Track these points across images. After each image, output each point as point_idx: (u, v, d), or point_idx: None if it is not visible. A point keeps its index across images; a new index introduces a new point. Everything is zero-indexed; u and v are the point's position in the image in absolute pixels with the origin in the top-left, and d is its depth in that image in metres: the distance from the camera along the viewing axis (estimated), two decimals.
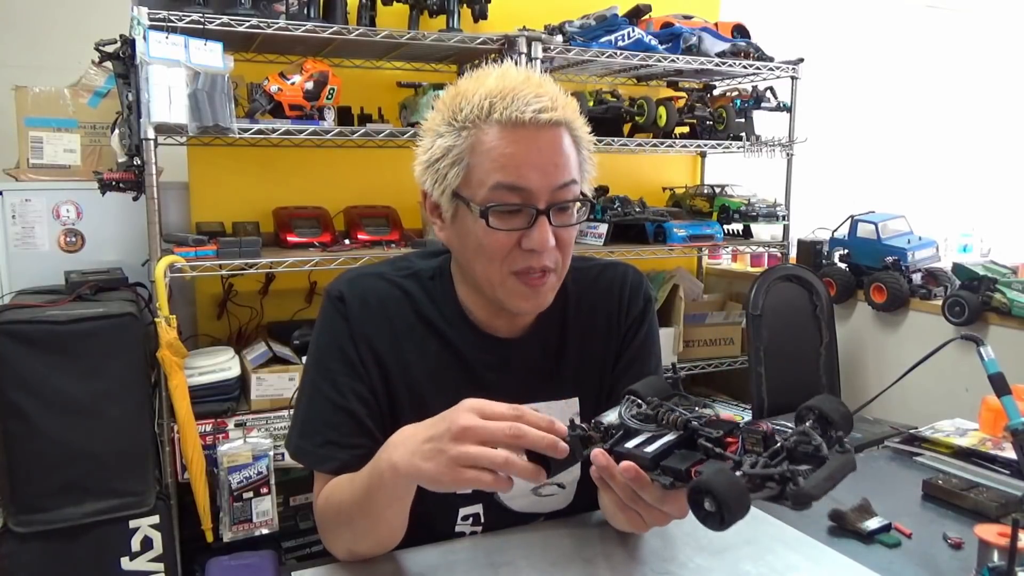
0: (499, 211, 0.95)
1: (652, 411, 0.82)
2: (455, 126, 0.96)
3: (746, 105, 2.85)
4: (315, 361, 1.06)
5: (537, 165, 0.94)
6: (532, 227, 0.95)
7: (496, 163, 0.94)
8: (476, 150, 0.95)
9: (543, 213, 0.95)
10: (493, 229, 0.95)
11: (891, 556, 1.06)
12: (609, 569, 0.99)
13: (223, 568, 1.04)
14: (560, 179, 0.95)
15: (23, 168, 2.32)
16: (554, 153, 0.95)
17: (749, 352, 2.47)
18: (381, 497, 0.89)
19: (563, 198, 0.96)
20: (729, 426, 0.77)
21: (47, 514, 1.83)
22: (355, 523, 0.96)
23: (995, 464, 1.32)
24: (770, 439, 0.73)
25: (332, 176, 2.61)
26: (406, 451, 0.83)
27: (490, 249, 0.97)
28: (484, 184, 0.94)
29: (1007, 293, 2.29)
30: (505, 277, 0.99)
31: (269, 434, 2.05)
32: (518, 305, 1.01)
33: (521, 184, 0.94)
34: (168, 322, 1.93)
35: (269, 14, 2.07)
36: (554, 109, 0.94)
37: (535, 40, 2.33)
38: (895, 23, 4.48)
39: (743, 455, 0.73)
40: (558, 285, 1.04)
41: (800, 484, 0.68)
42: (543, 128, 0.94)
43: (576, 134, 0.99)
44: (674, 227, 2.68)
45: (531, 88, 0.95)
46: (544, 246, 0.95)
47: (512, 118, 0.93)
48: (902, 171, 4.49)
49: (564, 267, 1.02)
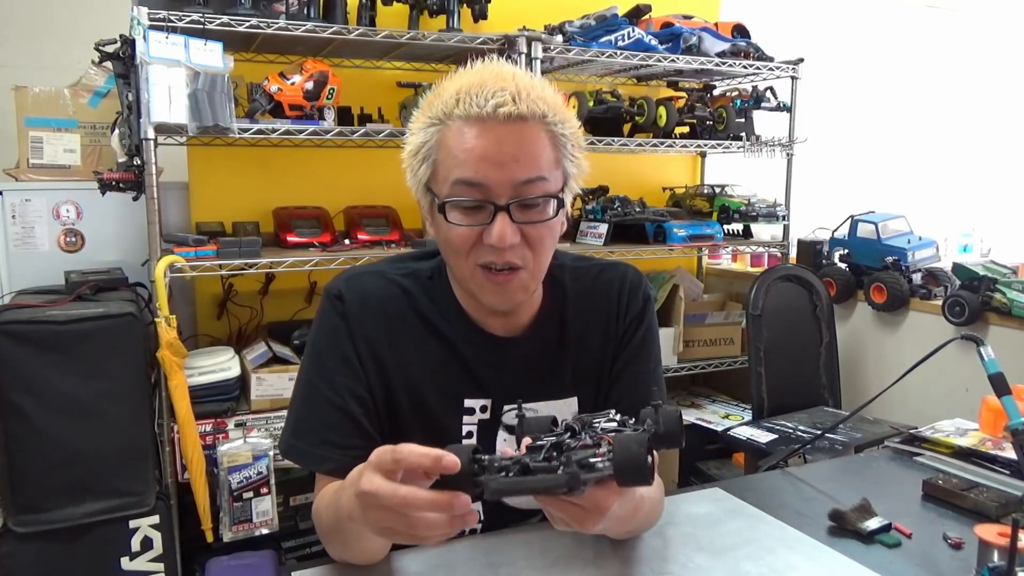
0: (459, 206, 0.95)
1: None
2: (426, 123, 0.98)
3: (746, 105, 2.85)
4: (312, 360, 1.06)
5: (495, 160, 0.92)
6: (491, 223, 0.94)
7: (456, 159, 0.94)
8: (441, 145, 0.96)
9: (502, 209, 0.93)
10: (453, 224, 0.95)
11: (891, 556, 1.06)
12: (609, 569, 0.99)
13: (223, 568, 1.04)
14: (522, 175, 0.93)
15: (23, 168, 2.32)
16: (516, 148, 0.93)
17: (749, 352, 2.47)
18: (351, 530, 0.88)
19: (526, 194, 0.94)
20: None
21: (47, 514, 1.83)
22: (335, 542, 0.97)
23: (995, 464, 1.32)
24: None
25: (332, 176, 2.61)
26: (359, 512, 0.80)
27: (455, 243, 0.97)
28: (447, 180, 0.95)
29: (1007, 293, 2.29)
30: (473, 270, 0.98)
31: (269, 434, 2.05)
32: (488, 300, 1.00)
33: (478, 180, 0.93)
34: (168, 322, 1.93)
35: (269, 14, 2.07)
36: (517, 103, 0.92)
37: (535, 40, 2.33)
38: (895, 23, 4.48)
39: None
40: (533, 284, 1.01)
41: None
42: (505, 123, 0.92)
43: (553, 130, 0.96)
44: (674, 227, 2.68)
45: (499, 82, 0.94)
46: (502, 242, 0.93)
47: (472, 113, 0.93)
48: (902, 171, 4.49)
49: (537, 265, 0.99)
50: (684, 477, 2.72)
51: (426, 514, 0.73)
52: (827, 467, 1.51)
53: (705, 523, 1.13)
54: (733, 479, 1.41)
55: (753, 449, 2.19)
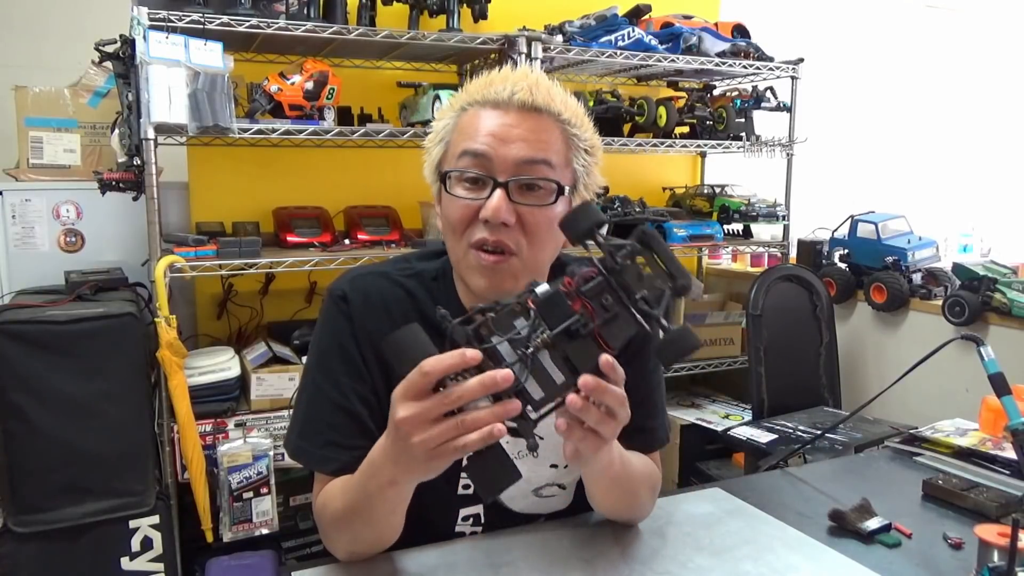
0: (459, 177, 0.97)
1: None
2: (448, 112, 1.02)
3: (746, 105, 2.85)
4: (316, 361, 1.06)
5: (502, 136, 0.95)
6: (489, 197, 0.95)
7: (466, 135, 0.97)
8: (457, 127, 1.00)
9: (501, 185, 0.95)
10: (453, 196, 0.97)
11: (891, 556, 1.06)
12: (609, 569, 0.99)
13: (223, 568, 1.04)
14: (526, 154, 0.95)
15: (23, 168, 2.32)
16: (524, 130, 0.96)
17: (749, 352, 2.47)
18: (381, 506, 0.90)
19: (527, 173, 0.95)
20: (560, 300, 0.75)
21: (47, 514, 1.83)
22: (354, 527, 0.96)
23: (995, 464, 1.32)
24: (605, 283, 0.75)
25: (332, 176, 2.61)
26: (393, 465, 0.82)
27: (452, 220, 0.98)
28: (454, 155, 0.98)
29: (1007, 293, 2.29)
30: (466, 250, 0.98)
31: (269, 434, 2.05)
32: (476, 283, 0.99)
33: (482, 151, 0.95)
34: (168, 322, 1.93)
35: (269, 14, 2.07)
36: (533, 95, 0.96)
37: (535, 40, 2.33)
38: (895, 23, 4.48)
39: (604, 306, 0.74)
40: (525, 275, 0.99)
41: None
42: (520, 109, 0.96)
43: (568, 130, 0.99)
44: (674, 227, 2.68)
45: (522, 78, 0.98)
46: (497, 216, 0.93)
47: (490, 98, 0.97)
48: (902, 171, 4.49)
49: (531, 255, 0.99)
50: (684, 477, 2.72)
51: (475, 412, 0.74)
52: (827, 467, 1.51)
53: (705, 523, 1.13)
54: (733, 479, 1.41)
55: (753, 449, 2.19)
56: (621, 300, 0.74)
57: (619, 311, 0.74)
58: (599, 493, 1.04)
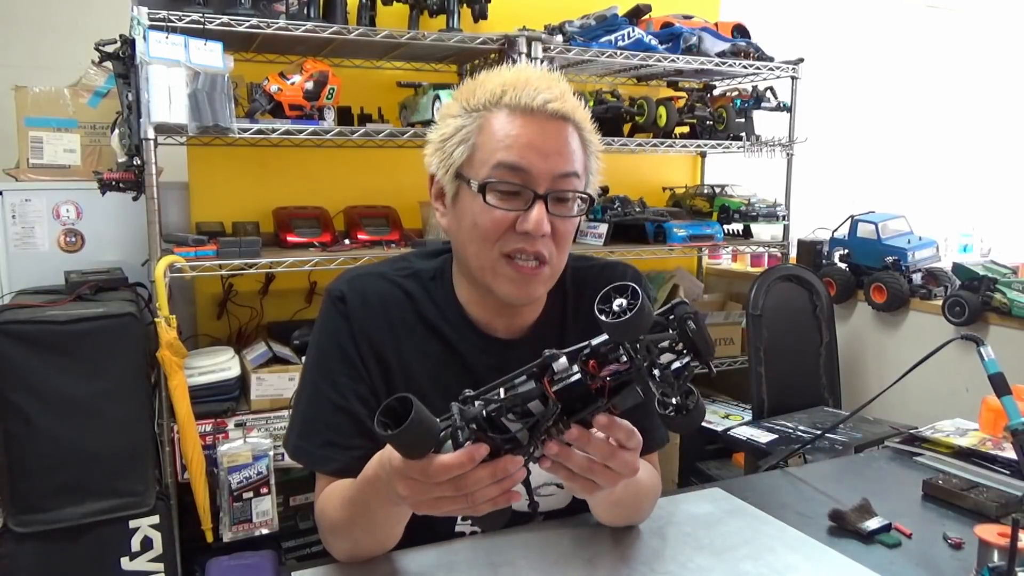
0: (498, 189, 0.96)
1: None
2: (467, 109, 1.00)
3: (746, 105, 2.85)
4: (315, 361, 1.06)
5: (541, 150, 0.95)
6: (529, 209, 0.95)
7: (501, 143, 0.96)
8: (483, 131, 0.98)
9: (541, 198, 0.95)
10: (490, 207, 0.96)
11: (891, 556, 1.06)
12: (609, 569, 0.99)
13: (223, 568, 1.04)
14: (562, 168, 0.97)
15: (23, 168, 2.32)
16: (559, 142, 0.97)
17: (749, 352, 2.47)
18: (383, 520, 0.91)
19: (563, 187, 0.97)
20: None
21: (47, 514, 1.83)
22: (354, 534, 0.97)
23: (995, 464, 1.32)
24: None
25: (332, 176, 2.61)
26: (395, 500, 0.83)
27: (484, 228, 0.97)
28: (487, 163, 0.96)
29: (1007, 293, 2.29)
30: (496, 260, 0.98)
31: (269, 434, 2.05)
32: (507, 291, 1.00)
33: (523, 165, 0.95)
34: (168, 322, 1.93)
35: (269, 14, 2.07)
36: (563, 103, 0.97)
37: (535, 40, 2.33)
38: (895, 23, 4.48)
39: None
40: (551, 280, 1.03)
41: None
42: (550, 117, 0.97)
43: (584, 136, 1.01)
44: (674, 227, 2.68)
45: (544, 81, 0.99)
46: (539, 229, 0.95)
47: (521, 103, 0.96)
48: (902, 171, 4.49)
49: (559, 262, 1.01)
50: (684, 477, 2.72)
51: (483, 490, 0.77)
52: (827, 467, 1.51)
53: (705, 523, 1.13)
54: (733, 479, 1.41)
55: (753, 449, 2.19)
56: (648, 390, 0.75)
57: (641, 400, 0.75)
58: (602, 513, 1.06)
